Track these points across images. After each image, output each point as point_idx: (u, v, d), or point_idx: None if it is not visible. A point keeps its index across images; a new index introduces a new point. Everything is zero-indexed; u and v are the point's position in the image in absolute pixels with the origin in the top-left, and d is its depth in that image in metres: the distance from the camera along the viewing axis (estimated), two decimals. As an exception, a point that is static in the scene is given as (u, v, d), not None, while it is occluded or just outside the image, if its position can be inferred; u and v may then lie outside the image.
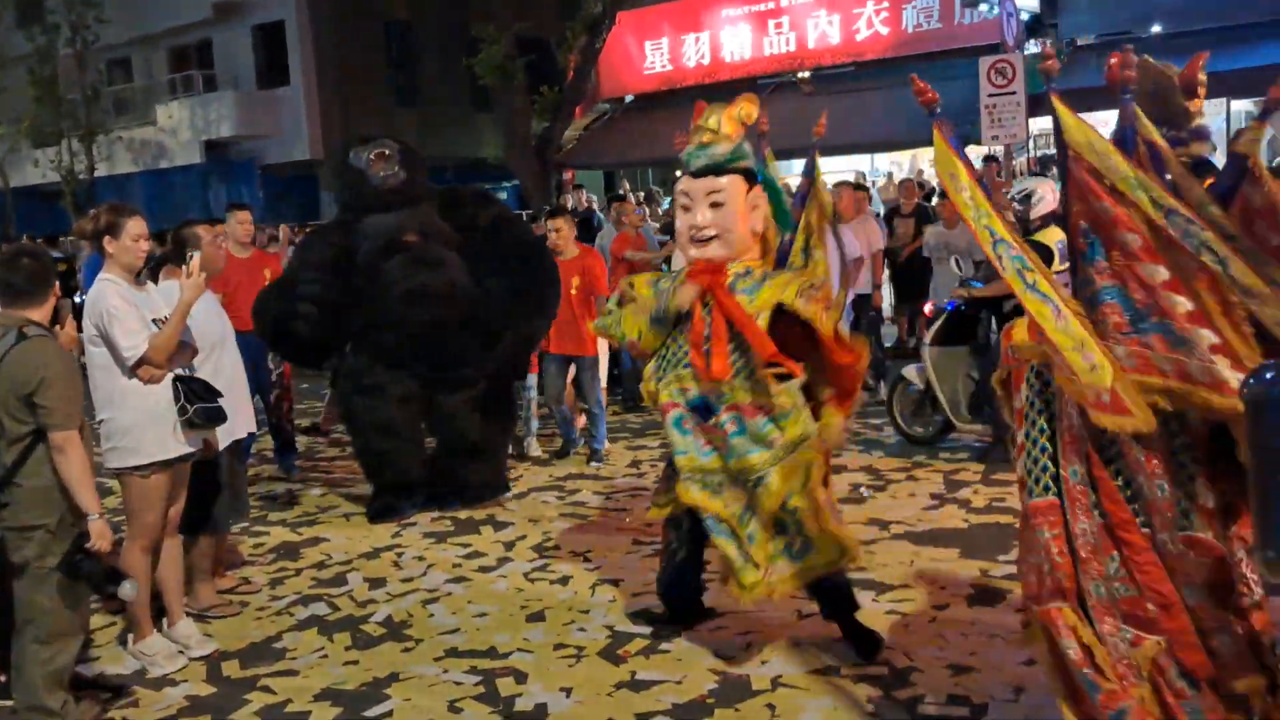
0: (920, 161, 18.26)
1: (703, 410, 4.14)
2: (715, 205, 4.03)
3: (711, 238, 4.04)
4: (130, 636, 4.81)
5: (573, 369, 7.80)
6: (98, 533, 3.89)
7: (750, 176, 4.13)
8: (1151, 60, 3.00)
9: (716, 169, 4.04)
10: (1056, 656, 2.90)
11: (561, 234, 7.70)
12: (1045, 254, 6.44)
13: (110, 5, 23.38)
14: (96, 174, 24.70)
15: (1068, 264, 6.88)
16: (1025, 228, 6.69)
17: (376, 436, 6.61)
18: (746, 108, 4.15)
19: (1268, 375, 2.25)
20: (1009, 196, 7.44)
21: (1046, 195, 6.75)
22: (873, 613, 4.72)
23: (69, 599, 3.96)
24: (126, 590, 4.11)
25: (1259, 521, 2.34)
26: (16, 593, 3.97)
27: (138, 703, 4.41)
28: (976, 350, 7.24)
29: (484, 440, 6.79)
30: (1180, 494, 2.67)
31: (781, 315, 3.99)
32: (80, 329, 4.82)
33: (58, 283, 4.25)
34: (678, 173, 4.56)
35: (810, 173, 4.47)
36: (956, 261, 7.88)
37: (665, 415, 4.23)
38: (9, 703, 4.13)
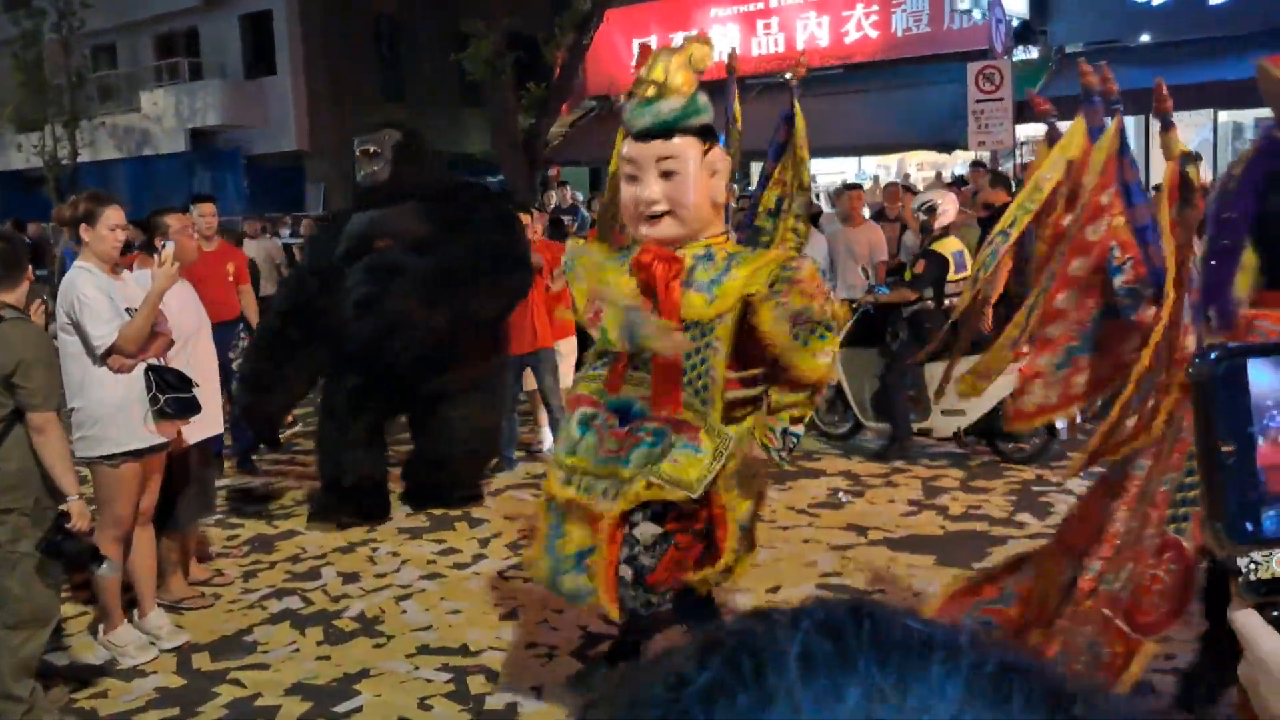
0: (907, 165, 18.29)
1: (622, 412, 3.50)
2: (666, 175, 3.27)
3: (663, 214, 3.30)
4: (101, 626, 4.78)
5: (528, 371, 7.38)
6: (77, 513, 3.89)
7: (707, 135, 3.37)
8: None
9: (665, 129, 3.28)
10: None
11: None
12: (942, 263, 7.11)
13: (97, -10, 23.25)
14: (80, 160, 24.53)
15: (963, 273, 7.34)
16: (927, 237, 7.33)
17: (332, 432, 6.35)
18: (699, 50, 3.36)
19: (1211, 355, 2.29)
20: (914, 208, 8.04)
21: (948, 208, 7.35)
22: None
23: (39, 585, 3.93)
24: (105, 570, 4.12)
25: (1205, 495, 2.37)
26: None
27: (106, 693, 4.39)
28: (883, 353, 7.49)
29: (456, 451, 6.46)
30: (1183, 495, 2.69)
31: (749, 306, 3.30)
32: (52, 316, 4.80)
33: (30, 266, 4.22)
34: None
35: (790, 118, 3.90)
36: (864, 270, 8.23)
37: (572, 409, 3.62)
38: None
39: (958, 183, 13.41)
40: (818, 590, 5.14)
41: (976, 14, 15.04)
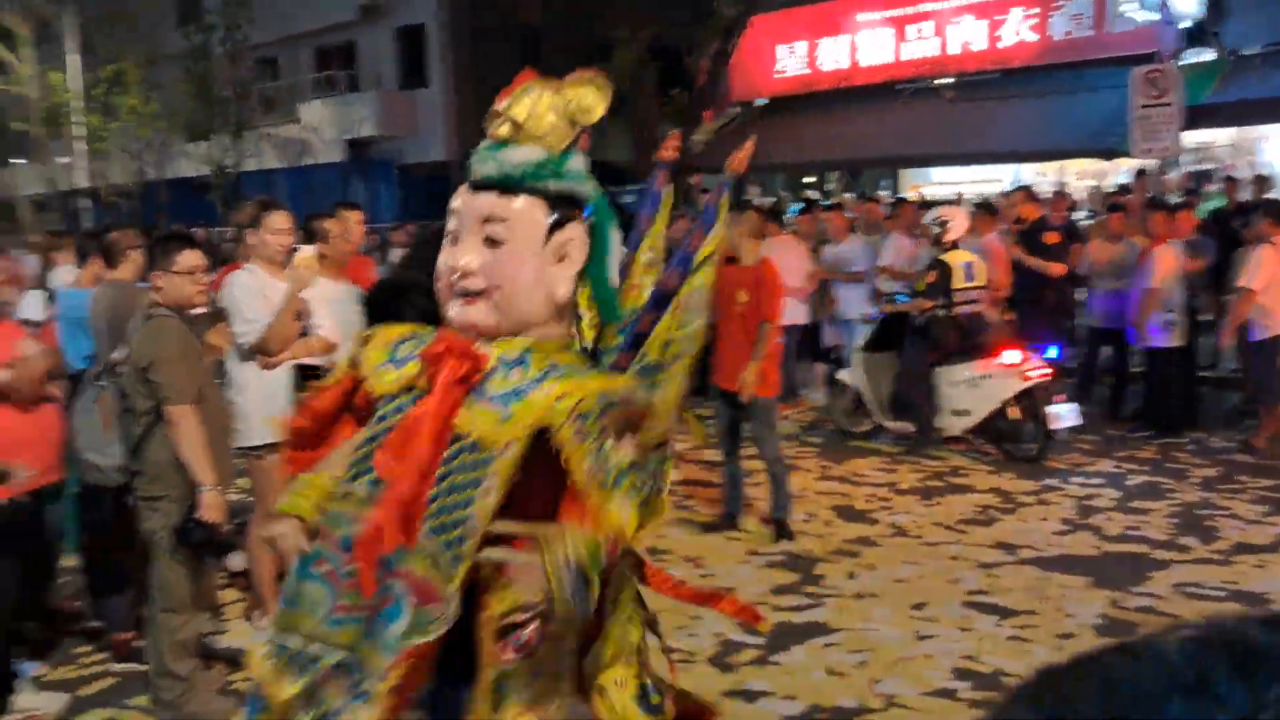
0: (1066, 173, 17.67)
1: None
2: (491, 242, 2.29)
3: (476, 293, 2.30)
4: (256, 613, 4.95)
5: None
6: (208, 503, 4.00)
7: (566, 207, 2.36)
8: None
9: (505, 183, 2.33)
10: None
11: (743, 235, 6.23)
12: (949, 273, 7.69)
13: (260, 5, 24.30)
14: (243, 169, 25.68)
15: (971, 283, 7.16)
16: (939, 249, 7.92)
17: None
18: (584, 96, 2.37)
19: None
20: (926, 222, 8.53)
21: (958, 222, 7.98)
22: (994, 637, 4.58)
23: (191, 571, 4.10)
24: (235, 562, 4.27)
25: None
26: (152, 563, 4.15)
27: (260, 678, 4.54)
28: (899, 357, 8.03)
29: None
30: None
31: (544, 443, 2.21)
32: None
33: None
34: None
35: (711, 216, 2.74)
36: (879, 280, 8.81)
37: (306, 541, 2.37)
38: (144, 666, 4.32)
39: (1120, 191, 12.89)
40: (964, 609, 4.99)
41: (1143, 15, 14.42)
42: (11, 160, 34.08)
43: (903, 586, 5.31)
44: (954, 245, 7.87)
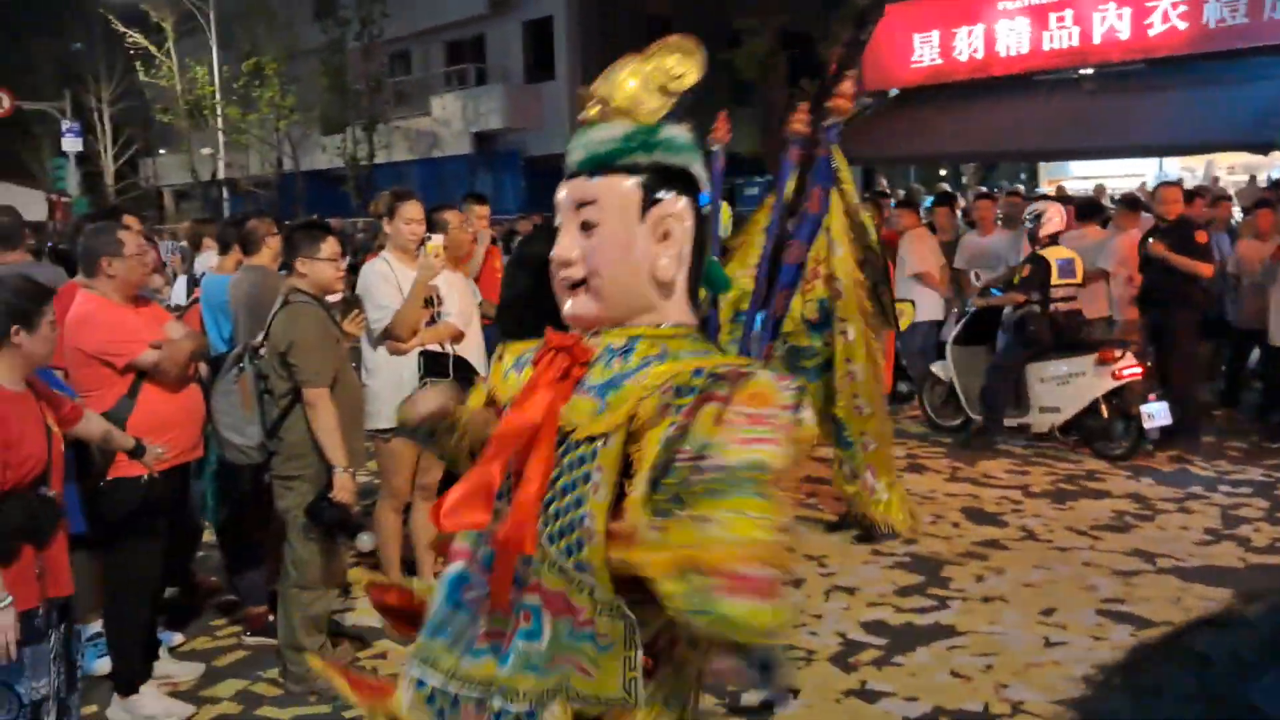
0: (1216, 167, 16.90)
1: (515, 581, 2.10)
2: (587, 227, 2.15)
3: (579, 283, 2.15)
4: (383, 594, 5.06)
5: None
6: (340, 484, 4.11)
7: (665, 182, 2.14)
8: None
9: (593, 164, 2.16)
10: None
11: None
12: (1046, 268, 7.61)
13: (394, 0, 24.87)
14: (376, 161, 26.35)
15: (1068, 279, 6.76)
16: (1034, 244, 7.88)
17: None
18: (673, 62, 2.22)
19: None
20: (1024, 216, 8.42)
21: (1054, 216, 7.85)
22: (1128, 647, 4.41)
23: (323, 550, 4.21)
24: (364, 542, 4.38)
25: None
26: (287, 540, 4.27)
27: (386, 655, 4.64)
28: (990, 351, 8.11)
29: None
30: None
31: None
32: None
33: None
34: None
35: (828, 178, 2.57)
36: (975, 273, 8.63)
37: (446, 563, 2.26)
38: (275, 640, 4.45)
39: (1275, 187, 12.25)
40: (1098, 617, 4.81)
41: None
42: (158, 152, 35.71)
43: (1032, 591, 5.15)
44: (1053, 240, 7.82)
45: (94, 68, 31.93)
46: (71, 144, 27.23)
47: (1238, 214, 11.22)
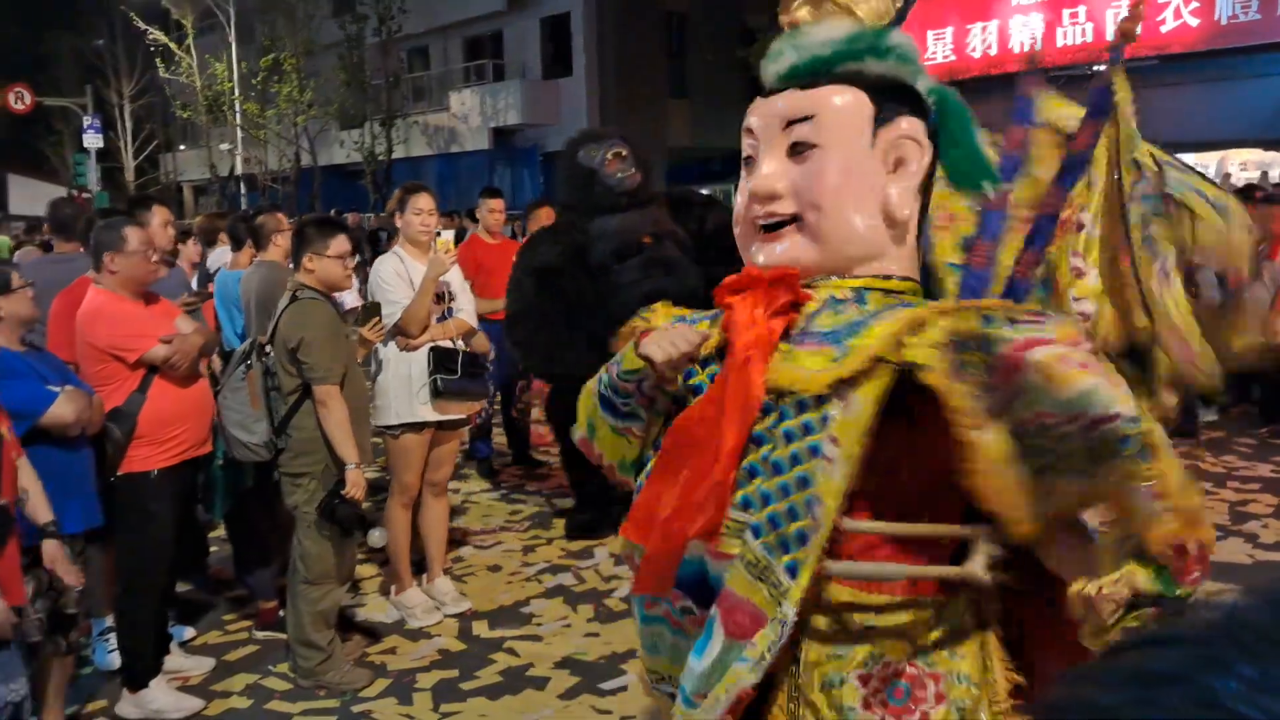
0: (1228, 164, 16.85)
1: (692, 587, 1.70)
2: (799, 149, 1.70)
3: (784, 222, 1.71)
4: (393, 588, 5.10)
5: None
6: (352, 481, 4.12)
7: (895, 98, 1.73)
8: None
9: (809, 70, 1.74)
10: None
11: None
12: None
13: (412, -4, 24.98)
14: (394, 156, 26.44)
15: None
16: None
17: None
18: None
19: None
20: None
21: None
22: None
23: (332, 545, 4.23)
24: (375, 538, 4.40)
25: None
26: (295, 536, 4.31)
27: (395, 650, 4.68)
28: None
29: None
30: None
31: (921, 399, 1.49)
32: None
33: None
34: None
35: (1102, 111, 1.86)
36: None
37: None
38: (285, 635, 4.49)
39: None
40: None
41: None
42: (178, 147, 35.89)
43: (1040, 588, 5.15)
44: None
45: (115, 64, 32.16)
46: (92, 140, 27.40)
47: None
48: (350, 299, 5.57)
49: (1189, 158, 16.62)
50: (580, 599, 5.17)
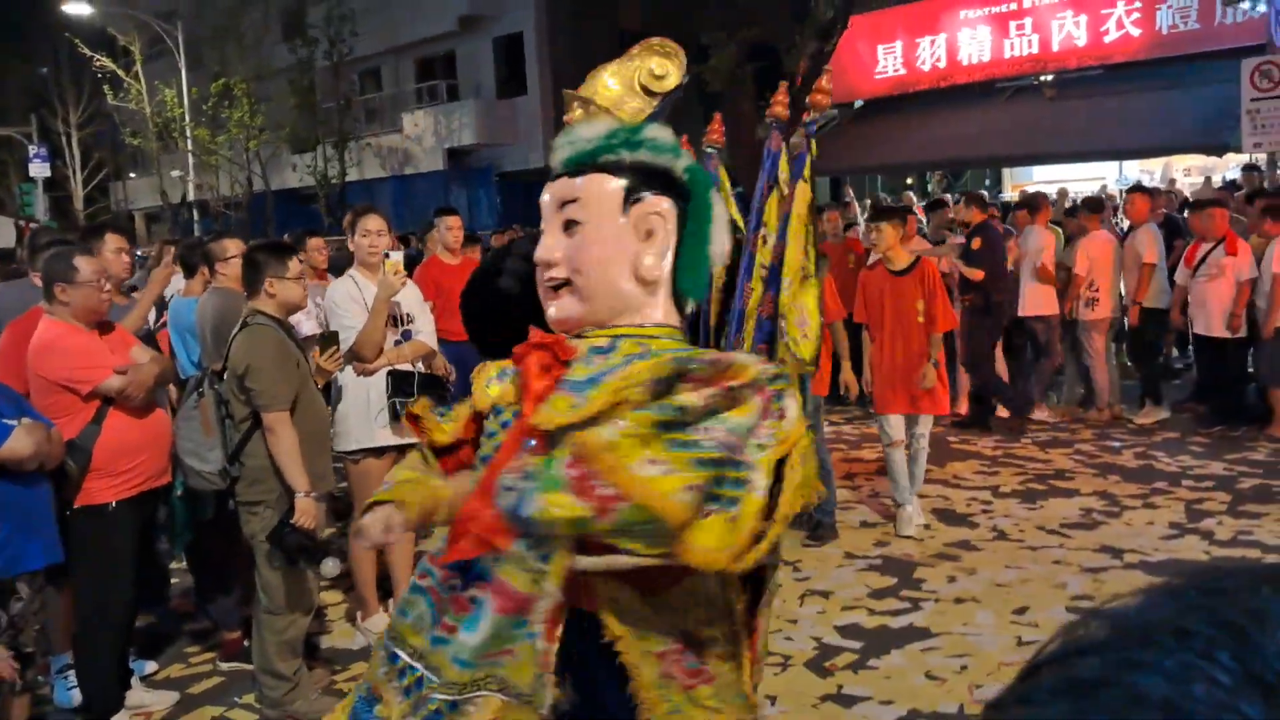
0: (1173, 169, 17.18)
1: (466, 572, 2.04)
2: (570, 226, 2.11)
3: (562, 283, 2.12)
4: (359, 614, 5.06)
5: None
6: (302, 509, 4.04)
7: (650, 182, 2.11)
8: None
9: (578, 162, 2.14)
10: None
11: (885, 238, 6.24)
12: None
13: (363, 18, 24.88)
14: (348, 179, 26.31)
15: None
16: None
17: None
18: (659, 62, 2.25)
19: None
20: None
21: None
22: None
23: (291, 574, 4.17)
24: (328, 568, 4.34)
25: None
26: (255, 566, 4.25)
27: (359, 678, 4.62)
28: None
29: None
30: None
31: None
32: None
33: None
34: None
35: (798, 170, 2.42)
36: None
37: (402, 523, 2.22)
38: (250, 666, 4.44)
39: (1229, 187, 12.48)
40: (1069, 615, 4.86)
41: (1249, 5, 13.92)
42: (128, 175, 35.49)
43: (1004, 591, 5.21)
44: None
45: (61, 91, 31.78)
46: (39, 169, 27.09)
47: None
48: (308, 325, 5.51)
49: (1133, 164, 17.00)
50: (548, 618, 5.15)
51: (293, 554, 4.08)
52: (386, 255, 4.80)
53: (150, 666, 4.78)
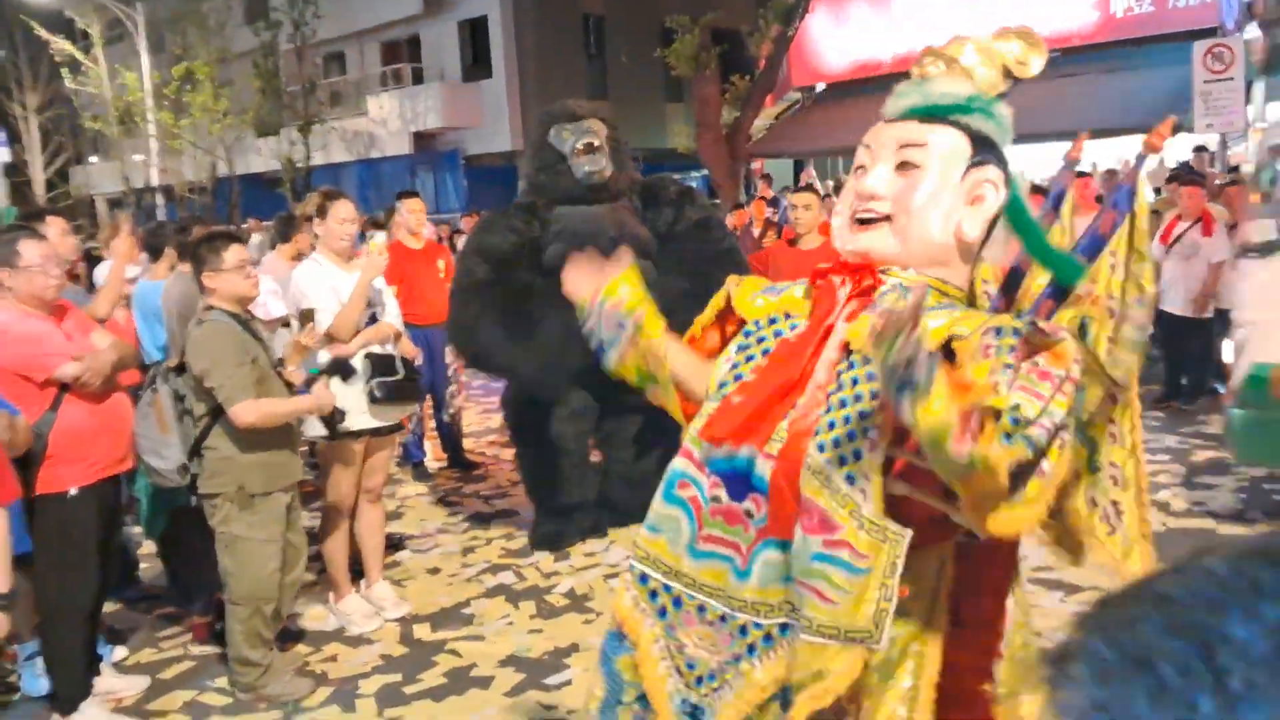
0: (1128, 151, 17.40)
1: (732, 479, 2.05)
2: (904, 167, 2.11)
3: (879, 218, 2.10)
4: (331, 596, 5.10)
5: None
6: (321, 395, 4.40)
7: (985, 149, 2.14)
8: None
9: (929, 111, 2.16)
10: None
11: (810, 213, 6.30)
12: None
13: (327, 1, 24.68)
14: (313, 163, 26.12)
15: None
16: None
17: (545, 453, 5.84)
18: (1022, 49, 2.24)
19: None
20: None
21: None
22: (1059, 613, 4.59)
23: (254, 566, 4.18)
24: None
25: None
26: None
27: (336, 657, 4.69)
28: None
29: (657, 468, 5.94)
30: None
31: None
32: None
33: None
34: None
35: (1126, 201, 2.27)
36: None
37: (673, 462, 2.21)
38: (222, 649, 4.48)
39: (1182, 168, 12.68)
40: (1030, 586, 4.98)
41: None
42: (89, 159, 35.02)
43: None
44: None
45: (18, 75, 31.27)
46: (-2, 154, 26.66)
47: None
48: (276, 306, 5.50)
49: (1091, 144, 16.92)
50: (521, 596, 5.23)
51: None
52: (363, 235, 4.80)
53: (120, 652, 4.78)
